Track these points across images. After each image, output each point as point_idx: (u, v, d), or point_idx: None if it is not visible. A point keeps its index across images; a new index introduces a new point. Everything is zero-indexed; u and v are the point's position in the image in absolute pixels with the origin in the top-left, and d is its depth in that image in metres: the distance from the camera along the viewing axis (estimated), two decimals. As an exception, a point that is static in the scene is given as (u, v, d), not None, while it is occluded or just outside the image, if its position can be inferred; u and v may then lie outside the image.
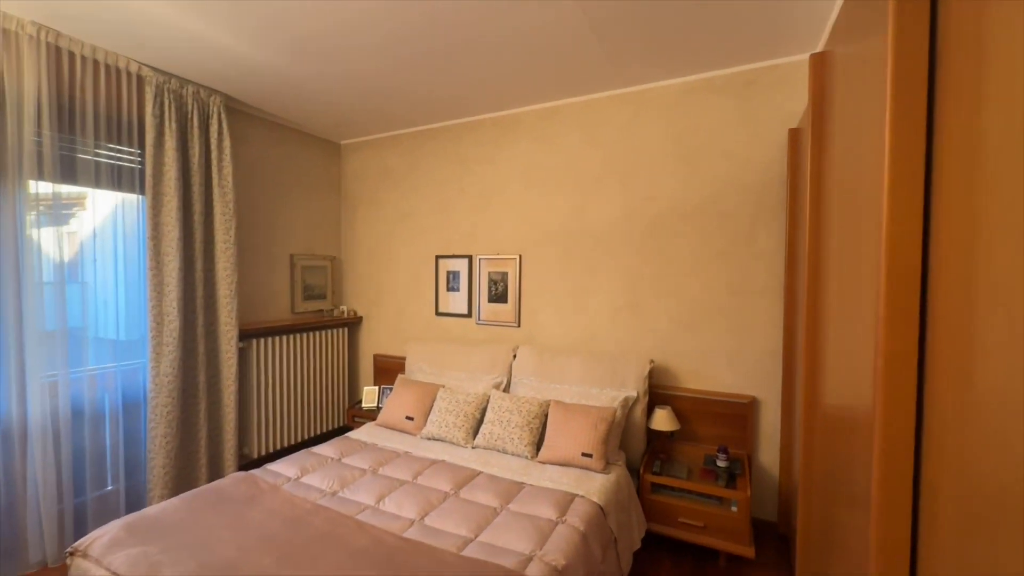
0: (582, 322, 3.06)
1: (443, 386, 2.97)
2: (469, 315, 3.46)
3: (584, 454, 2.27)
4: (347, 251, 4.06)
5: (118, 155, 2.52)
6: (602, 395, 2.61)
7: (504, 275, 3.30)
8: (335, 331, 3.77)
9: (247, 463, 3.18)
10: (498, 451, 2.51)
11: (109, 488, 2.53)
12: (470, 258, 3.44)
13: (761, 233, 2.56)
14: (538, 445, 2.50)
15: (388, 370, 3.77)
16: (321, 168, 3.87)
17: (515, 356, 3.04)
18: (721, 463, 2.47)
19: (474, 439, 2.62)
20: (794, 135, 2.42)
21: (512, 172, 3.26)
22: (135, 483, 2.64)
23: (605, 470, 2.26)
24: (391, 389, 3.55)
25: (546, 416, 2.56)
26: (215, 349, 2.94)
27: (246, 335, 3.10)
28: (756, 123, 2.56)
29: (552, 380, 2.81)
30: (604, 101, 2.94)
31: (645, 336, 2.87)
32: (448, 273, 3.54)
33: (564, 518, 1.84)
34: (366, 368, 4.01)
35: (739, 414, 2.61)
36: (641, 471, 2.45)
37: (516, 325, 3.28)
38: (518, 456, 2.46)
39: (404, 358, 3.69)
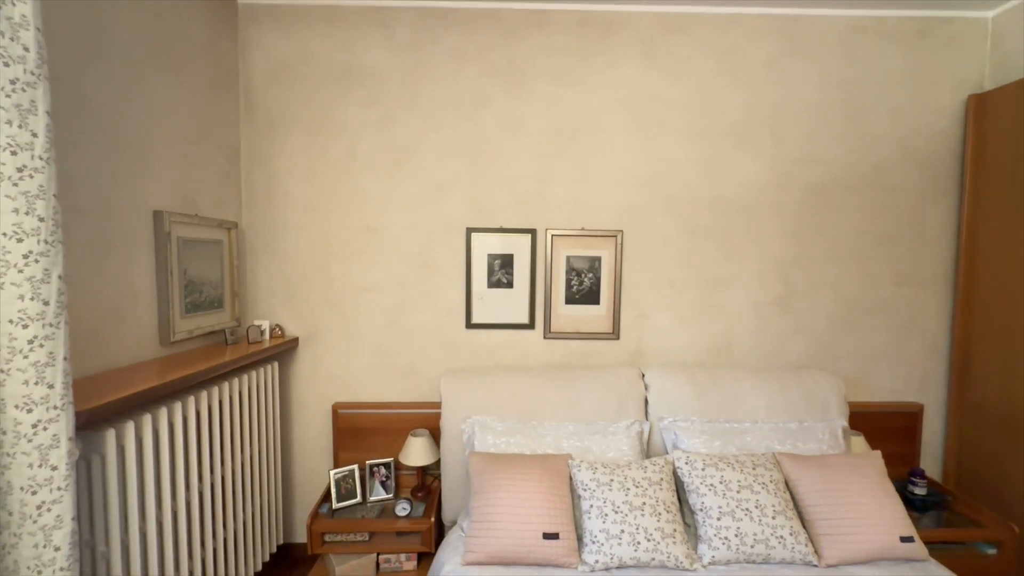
0: (715, 327, 2.19)
1: (571, 457, 1.67)
2: (531, 325, 2.15)
3: (904, 538, 1.45)
4: (258, 213, 2.12)
5: None
6: (813, 432, 1.83)
7: (595, 261, 2.14)
8: (254, 374, 1.88)
9: None
10: (754, 563, 1.45)
11: None
12: (533, 233, 2.13)
13: (930, 213, 2.19)
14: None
15: (371, 432, 2.10)
16: (195, 40, 1.86)
17: (646, 386, 1.97)
18: (919, 490, 2.02)
19: (697, 550, 1.48)
20: (977, 102, 2.10)
21: (610, 102, 2.11)
22: None
23: (929, 556, 1.50)
24: (386, 467, 1.96)
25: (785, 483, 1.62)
26: (-15, 485, 0.93)
27: (93, 420, 1.12)
28: (926, 83, 2.16)
29: (728, 417, 1.87)
30: (750, 21, 2.11)
31: (793, 340, 2.21)
32: (491, 258, 2.13)
33: None
34: (311, 433, 2.18)
35: (905, 426, 2.21)
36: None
37: (613, 336, 2.16)
38: (794, 564, 1.45)
39: (397, 405, 2.11)
